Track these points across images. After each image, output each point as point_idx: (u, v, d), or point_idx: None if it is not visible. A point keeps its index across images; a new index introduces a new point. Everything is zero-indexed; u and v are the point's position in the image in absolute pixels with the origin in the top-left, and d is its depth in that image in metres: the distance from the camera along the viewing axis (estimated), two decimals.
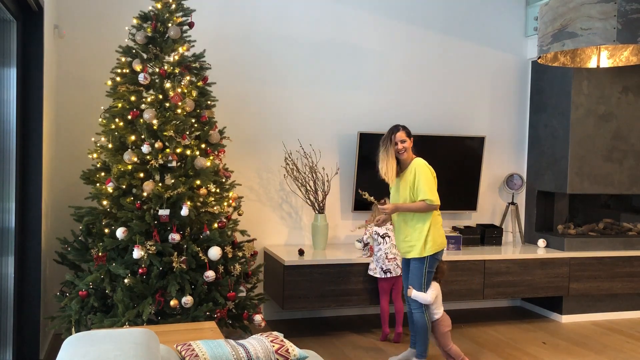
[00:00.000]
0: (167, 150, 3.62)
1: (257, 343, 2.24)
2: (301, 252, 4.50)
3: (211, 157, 3.82)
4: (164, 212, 3.50)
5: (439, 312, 3.76)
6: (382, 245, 4.25)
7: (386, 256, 4.23)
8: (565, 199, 5.46)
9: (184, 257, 3.52)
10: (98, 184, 3.67)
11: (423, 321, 3.72)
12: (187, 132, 3.73)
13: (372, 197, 3.95)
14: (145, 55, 3.76)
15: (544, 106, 5.34)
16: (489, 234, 5.21)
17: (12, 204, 3.35)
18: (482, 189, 5.44)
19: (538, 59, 3.13)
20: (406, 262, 3.81)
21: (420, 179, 3.63)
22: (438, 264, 3.76)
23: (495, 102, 5.50)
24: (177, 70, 3.75)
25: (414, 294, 3.68)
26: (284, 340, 2.30)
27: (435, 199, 3.64)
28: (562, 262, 4.93)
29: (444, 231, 3.81)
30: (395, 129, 3.72)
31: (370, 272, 4.33)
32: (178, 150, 3.63)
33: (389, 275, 4.23)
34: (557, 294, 4.95)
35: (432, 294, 3.68)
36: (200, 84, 3.87)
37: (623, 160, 5.18)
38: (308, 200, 4.73)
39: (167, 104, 3.66)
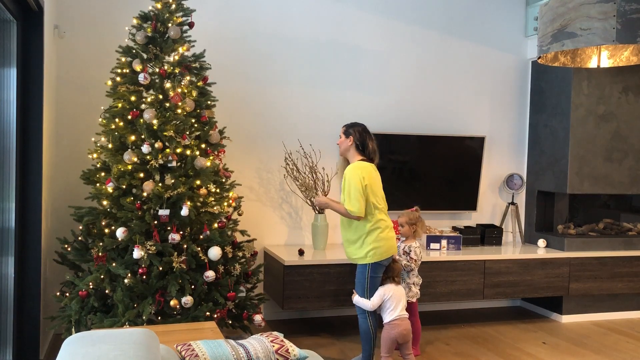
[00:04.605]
0: (167, 150, 3.62)
1: (257, 343, 2.24)
2: (301, 252, 4.50)
3: (211, 157, 3.82)
4: (164, 212, 3.50)
5: (389, 316, 3.64)
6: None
7: None
8: (565, 199, 5.46)
9: (184, 257, 3.52)
10: (98, 184, 3.67)
11: (366, 326, 3.68)
12: (187, 132, 3.73)
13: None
14: (145, 55, 3.76)
15: (544, 106, 5.34)
16: (489, 234, 5.21)
17: (12, 204, 3.35)
18: (482, 189, 5.44)
19: (538, 59, 3.13)
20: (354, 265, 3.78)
21: (344, 186, 3.61)
22: (391, 265, 3.68)
23: (495, 102, 5.50)
24: (177, 70, 3.75)
25: (356, 299, 3.67)
26: (284, 340, 2.30)
27: (355, 210, 3.52)
28: (562, 262, 4.93)
29: (392, 235, 3.66)
30: None
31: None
32: (178, 150, 3.63)
33: None
34: (557, 294, 4.95)
35: (375, 301, 3.61)
36: (200, 84, 3.87)
37: (623, 160, 5.18)
38: (308, 200, 4.73)
39: (167, 104, 3.66)
